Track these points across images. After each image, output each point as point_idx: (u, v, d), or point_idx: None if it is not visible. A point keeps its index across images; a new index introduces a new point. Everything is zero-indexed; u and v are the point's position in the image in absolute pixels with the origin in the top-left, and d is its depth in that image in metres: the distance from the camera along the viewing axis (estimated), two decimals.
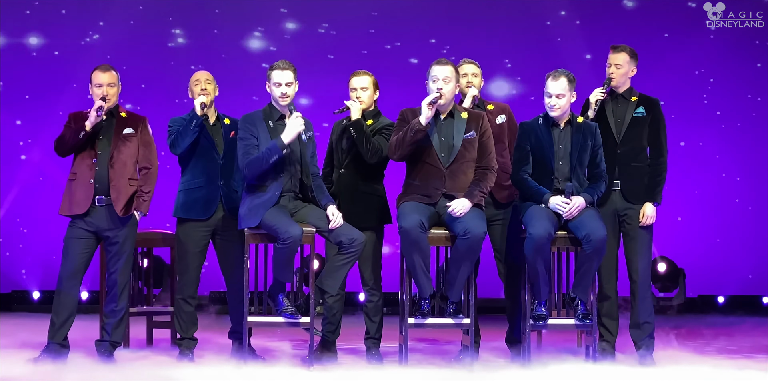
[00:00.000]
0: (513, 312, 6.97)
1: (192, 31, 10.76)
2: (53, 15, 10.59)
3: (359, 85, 6.94)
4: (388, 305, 9.33)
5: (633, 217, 6.83)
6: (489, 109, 6.99)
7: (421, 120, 6.47)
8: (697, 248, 10.83)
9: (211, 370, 6.52)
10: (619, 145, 6.85)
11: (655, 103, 6.94)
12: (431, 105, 6.47)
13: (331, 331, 6.95)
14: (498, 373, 6.48)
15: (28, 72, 10.58)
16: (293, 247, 6.38)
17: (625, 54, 6.91)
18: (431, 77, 6.58)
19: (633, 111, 6.90)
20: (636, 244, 6.84)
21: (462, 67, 7.02)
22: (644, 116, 6.90)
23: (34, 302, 10.64)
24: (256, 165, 6.48)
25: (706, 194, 10.88)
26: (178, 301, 7.00)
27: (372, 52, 10.72)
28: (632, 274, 6.85)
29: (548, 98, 6.60)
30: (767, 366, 6.74)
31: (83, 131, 6.57)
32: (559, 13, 10.76)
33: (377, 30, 10.79)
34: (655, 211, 6.83)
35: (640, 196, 6.84)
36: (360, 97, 6.91)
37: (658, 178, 6.87)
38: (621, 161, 6.83)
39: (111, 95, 6.69)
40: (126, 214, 6.63)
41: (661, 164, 6.87)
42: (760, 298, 10.89)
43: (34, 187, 10.61)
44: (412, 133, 6.48)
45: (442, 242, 6.56)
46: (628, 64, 6.91)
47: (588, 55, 10.62)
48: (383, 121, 6.94)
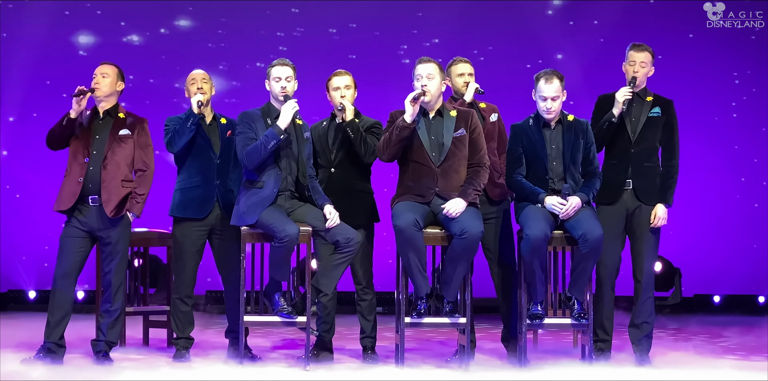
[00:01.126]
0: (507, 311, 6.97)
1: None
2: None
3: (343, 84, 6.92)
4: (385, 305, 9.36)
5: (643, 217, 6.82)
6: (482, 108, 6.99)
7: (406, 117, 6.48)
8: (693, 248, 10.83)
9: (207, 369, 6.52)
10: (633, 145, 6.83)
11: (669, 103, 6.93)
12: (414, 101, 6.47)
13: (326, 331, 6.95)
14: (494, 373, 6.48)
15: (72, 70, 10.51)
16: (290, 246, 6.39)
17: (648, 53, 6.89)
18: (415, 76, 6.58)
19: (649, 111, 6.89)
20: (643, 244, 6.82)
21: (458, 66, 7.01)
22: (659, 116, 6.89)
23: (30, 302, 10.63)
24: (255, 153, 6.48)
25: (702, 194, 10.88)
26: (175, 301, 7.00)
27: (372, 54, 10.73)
28: (637, 274, 6.83)
29: (543, 102, 6.58)
30: (766, 365, 6.76)
31: (66, 118, 6.57)
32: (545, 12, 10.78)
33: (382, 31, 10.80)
34: (666, 213, 6.81)
35: (652, 196, 6.83)
36: (344, 96, 6.90)
37: (671, 180, 6.86)
38: (634, 160, 6.81)
39: (101, 85, 6.69)
40: (116, 215, 6.60)
41: (673, 166, 6.86)
42: (756, 298, 10.90)
43: (30, 186, 10.61)
44: (397, 131, 6.48)
45: (438, 241, 6.56)
46: (650, 64, 6.90)
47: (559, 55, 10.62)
48: (368, 120, 6.95)
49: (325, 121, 7.01)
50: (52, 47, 10.58)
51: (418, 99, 6.48)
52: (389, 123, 6.62)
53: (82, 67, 9.45)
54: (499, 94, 7.77)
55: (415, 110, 6.48)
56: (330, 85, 6.95)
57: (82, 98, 6.60)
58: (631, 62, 6.89)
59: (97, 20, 10.64)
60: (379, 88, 9.49)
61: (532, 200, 6.56)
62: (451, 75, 6.99)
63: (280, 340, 8.07)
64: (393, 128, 6.51)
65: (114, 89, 6.76)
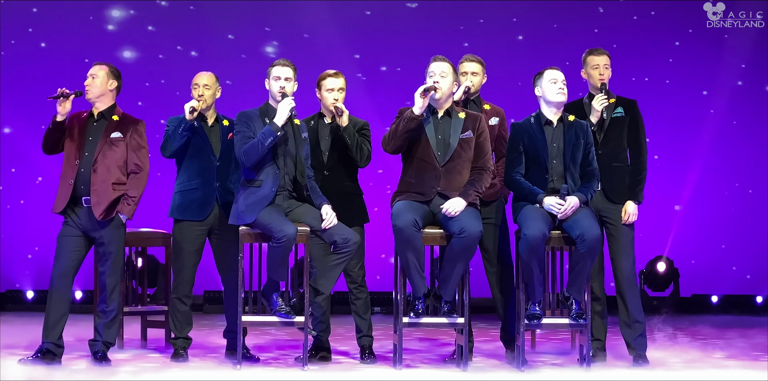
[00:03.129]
0: (505, 310, 6.97)
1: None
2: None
3: (338, 86, 6.90)
4: (382, 304, 9.36)
5: (615, 217, 6.84)
6: (485, 109, 6.98)
7: (415, 110, 6.49)
8: (691, 248, 10.84)
9: (205, 370, 6.52)
10: (600, 146, 6.86)
11: (633, 103, 6.97)
12: (424, 94, 6.47)
13: (322, 331, 6.95)
14: (492, 373, 6.49)
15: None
16: (288, 246, 6.39)
17: (607, 56, 6.95)
18: (428, 73, 6.60)
19: (612, 112, 6.91)
20: (619, 243, 6.85)
21: (462, 64, 7.01)
22: (623, 116, 6.92)
23: (28, 302, 10.63)
24: (253, 151, 6.48)
25: (700, 194, 10.88)
26: (173, 301, 6.99)
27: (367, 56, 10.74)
28: (617, 274, 6.85)
29: (554, 84, 6.59)
30: (766, 365, 6.76)
31: (53, 122, 6.57)
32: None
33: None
34: (636, 210, 6.84)
35: (622, 196, 6.86)
36: (338, 99, 6.88)
37: (639, 177, 6.89)
38: (602, 161, 6.82)
39: (91, 87, 6.67)
40: (106, 218, 6.57)
41: (641, 163, 6.90)
42: (754, 298, 10.90)
43: (29, 186, 10.62)
44: (404, 122, 6.49)
45: (437, 241, 6.56)
46: (610, 66, 6.93)
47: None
48: (358, 121, 6.94)
49: (312, 120, 7.00)
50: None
51: (429, 92, 6.49)
52: (397, 118, 6.62)
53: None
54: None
55: (425, 103, 6.49)
56: (323, 85, 6.93)
57: (64, 100, 6.57)
58: (593, 66, 6.91)
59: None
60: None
61: (530, 200, 6.56)
62: (457, 73, 6.98)
63: (278, 340, 8.07)
64: (400, 120, 6.52)
65: (106, 89, 6.72)
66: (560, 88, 6.60)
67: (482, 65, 7.01)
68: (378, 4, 10.76)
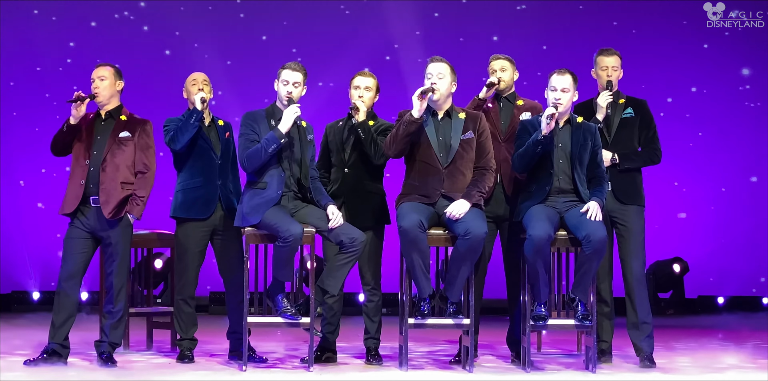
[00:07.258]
0: (513, 312, 6.96)
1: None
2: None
3: (364, 85, 6.93)
4: (388, 306, 9.35)
5: (625, 218, 6.83)
6: (518, 105, 6.96)
7: (413, 112, 6.49)
8: (697, 249, 10.83)
9: (211, 371, 6.52)
10: (610, 147, 6.86)
11: (642, 103, 6.97)
12: (422, 96, 6.47)
13: (330, 332, 6.95)
14: (498, 375, 6.48)
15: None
16: (294, 245, 6.38)
17: (618, 57, 6.95)
18: (426, 75, 6.60)
19: (621, 113, 6.91)
20: (629, 244, 6.84)
21: (490, 64, 7.00)
22: (633, 117, 6.92)
23: (34, 303, 10.64)
24: (255, 157, 6.49)
25: (707, 195, 10.88)
26: (178, 302, 7.00)
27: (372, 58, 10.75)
28: (627, 275, 6.85)
29: (553, 92, 6.58)
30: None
31: (66, 125, 6.58)
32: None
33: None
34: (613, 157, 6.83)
35: (632, 196, 6.85)
36: (362, 96, 6.90)
37: (647, 156, 6.89)
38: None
39: (101, 89, 6.69)
40: (115, 217, 6.59)
41: (656, 151, 6.90)
42: (760, 299, 10.89)
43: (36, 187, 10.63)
44: (404, 126, 6.49)
45: (442, 243, 6.56)
46: (620, 66, 6.94)
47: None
48: (384, 123, 6.95)
49: (341, 121, 7.02)
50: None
51: (426, 94, 6.48)
52: (398, 121, 6.62)
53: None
54: None
55: (423, 106, 6.49)
56: (352, 83, 6.97)
57: (81, 104, 6.59)
58: (603, 67, 6.92)
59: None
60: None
61: (534, 145, 6.47)
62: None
63: (284, 341, 8.07)
64: (400, 123, 6.52)
65: (114, 90, 6.75)
66: (556, 98, 6.56)
67: (511, 62, 7.00)
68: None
